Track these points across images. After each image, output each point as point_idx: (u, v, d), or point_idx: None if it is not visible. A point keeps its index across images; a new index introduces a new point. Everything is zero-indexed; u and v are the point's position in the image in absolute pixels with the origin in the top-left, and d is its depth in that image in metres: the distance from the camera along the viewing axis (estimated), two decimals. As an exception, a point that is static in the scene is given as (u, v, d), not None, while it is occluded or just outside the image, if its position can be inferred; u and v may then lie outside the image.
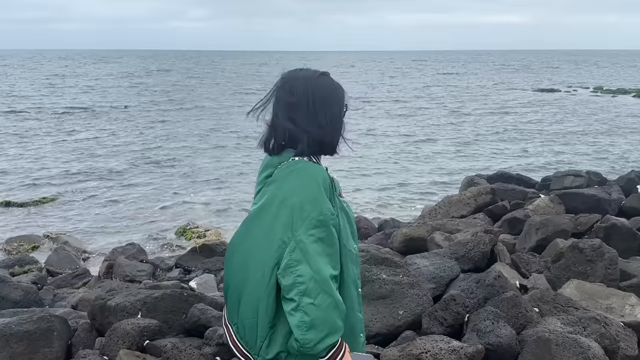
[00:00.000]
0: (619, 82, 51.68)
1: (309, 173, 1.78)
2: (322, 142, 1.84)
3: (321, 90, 1.84)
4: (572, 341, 3.25)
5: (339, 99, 1.88)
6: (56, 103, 31.08)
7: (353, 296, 1.87)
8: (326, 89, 1.85)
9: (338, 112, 1.87)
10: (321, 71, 1.91)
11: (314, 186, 1.74)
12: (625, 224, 5.97)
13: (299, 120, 1.81)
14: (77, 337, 4.30)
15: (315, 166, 1.82)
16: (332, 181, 1.82)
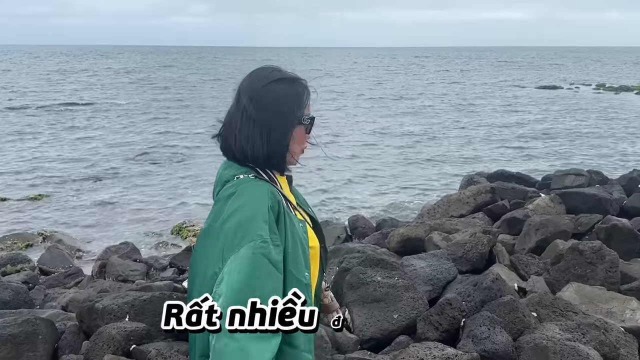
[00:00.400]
0: (621, 79, 51.43)
1: (249, 195, 1.58)
2: (265, 158, 1.67)
3: (266, 99, 1.67)
4: (570, 349, 3.14)
5: (288, 110, 1.68)
6: (55, 99, 30.96)
7: (299, 333, 1.57)
8: (273, 97, 1.67)
9: (284, 125, 1.68)
10: (280, 75, 1.71)
11: (250, 210, 1.54)
12: (627, 225, 5.85)
13: (241, 131, 1.67)
14: (64, 340, 4.20)
15: (258, 187, 1.61)
16: (279, 203, 1.61)
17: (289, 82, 1.71)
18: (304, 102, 1.71)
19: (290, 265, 1.58)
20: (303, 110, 1.71)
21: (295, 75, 1.74)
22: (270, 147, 1.66)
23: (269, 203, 1.56)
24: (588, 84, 46.69)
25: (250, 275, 1.46)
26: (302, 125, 1.71)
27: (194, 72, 60.91)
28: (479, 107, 29.38)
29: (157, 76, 52.75)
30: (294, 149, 1.71)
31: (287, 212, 1.63)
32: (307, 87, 1.74)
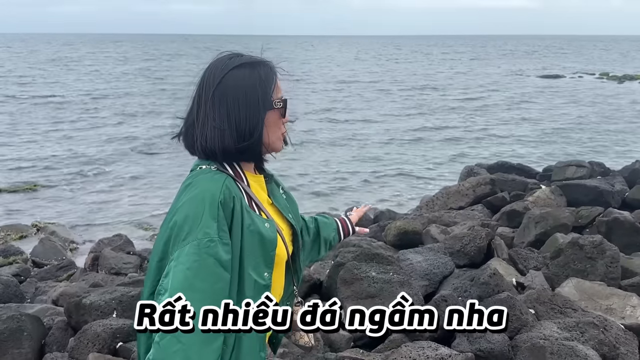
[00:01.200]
0: (625, 68, 51.08)
1: (200, 188, 1.49)
2: (238, 151, 1.57)
3: (229, 88, 1.57)
4: (568, 349, 3.04)
5: (253, 96, 1.57)
6: (51, 89, 30.82)
7: (252, 334, 1.54)
8: (235, 85, 1.57)
9: (253, 114, 1.57)
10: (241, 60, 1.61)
11: (198, 205, 1.45)
12: (628, 219, 5.73)
13: (204, 127, 1.57)
14: (52, 337, 4.12)
15: (213, 180, 1.51)
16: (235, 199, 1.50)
17: (251, 66, 1.60)
18: (270, 85, 1.61)
19: (246, 262, 1.51)
20: (271, 94, 1.61)
21: (258, 58, 1.64)
22: (241, 139, 1.56)
23: (220, 197, 1.47)
24: (591, 72, 46.36)
25: (194, 276, 1.40)
26: (275, 110, 1.62)
27: (194, 62, 60.63)
28: (483, 96, 29.19)
29: (155, 65, 52.49)
30: (271, 136, 1.62)
31: (246, 209, 1.53)
32: (273, 68, 1.64)
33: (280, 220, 1.70)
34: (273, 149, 1.67)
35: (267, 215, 1.61)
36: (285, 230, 1.70)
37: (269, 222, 1.59)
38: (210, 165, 1.58)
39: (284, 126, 1.67)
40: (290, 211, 1.76)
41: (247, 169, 1.65)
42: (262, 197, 1.67)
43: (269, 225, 1.57)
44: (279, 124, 1.64)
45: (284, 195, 1.79)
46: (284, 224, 1.71)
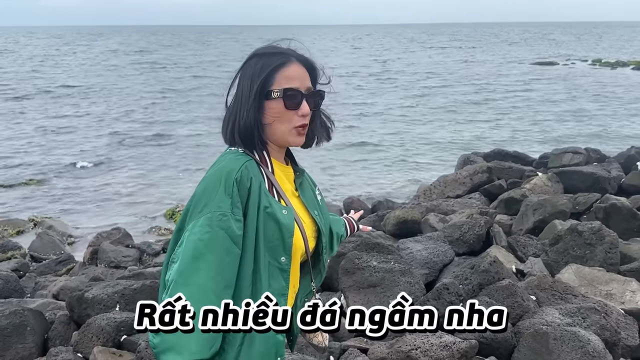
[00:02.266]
0: (618, 54, 51.14)
1: (220, 166, 1.56)
2: (240, 140, 1.63)
3: (239, 79, 1.65)
4: (570, 334, 3.06)
5: (247, 85, 1.61)
6: (45, 82, 30.58)
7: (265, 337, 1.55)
8: (243, 75, 1.65)
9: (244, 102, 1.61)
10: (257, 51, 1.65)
11: (216, 180, 1.51)
12: (626, 204, 5.77)
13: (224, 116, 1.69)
14: (54, 331, 4.12)
15: (235, 159, 1.58)
16: (253, 180, 1.54)
17: (259, 55, 1.64)
18: (265, 75, 1.60)
19: (261, 243, 1.55)
20: (270, 84, 1.60)
21: (274, 49, 1.65)
22: (238, 127, 1.62)
23: (236, 175, 1.52)
24: (584, 59, 46.42)
25: (205, 247, 1.45)
26: (274, 100, 1.60)
27: (192, 54, 60.23)
28: (479, 84, 29.18)
29: (153, 57, 52.13)
30: (277, 128, 1.62)
31: (265, 192, 1.57)
32: (284, 57, 1.62)
33: (304, 214, 1.70)
34: (286, 143, 1.67)
35: (286, 203, 1.62)
36: (308, 225, 1.69)
37: (287, 210, 1.60)
38: (239, 148, 1.64)
39: (298, 119, 1.62)
40: (317, 209, 1.76)
41: (276, 158, 1.68)
42: (286, 186, 1.69)
43: (286, 212, 1.59)
44: (287, 115, 1.61)
45: (318, 195, 1.82)
46: (307, 219, 1.70)
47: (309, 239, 1.68)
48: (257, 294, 1.56)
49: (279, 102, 1.59)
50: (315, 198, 1.79)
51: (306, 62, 1.66)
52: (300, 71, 1.63)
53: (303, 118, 1.63)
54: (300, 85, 1.61)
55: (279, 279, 1.59)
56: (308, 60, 1.67)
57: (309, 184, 1.80)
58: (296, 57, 1.64)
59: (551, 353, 3.03)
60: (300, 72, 1.63)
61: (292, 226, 1.59)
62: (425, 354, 3.03)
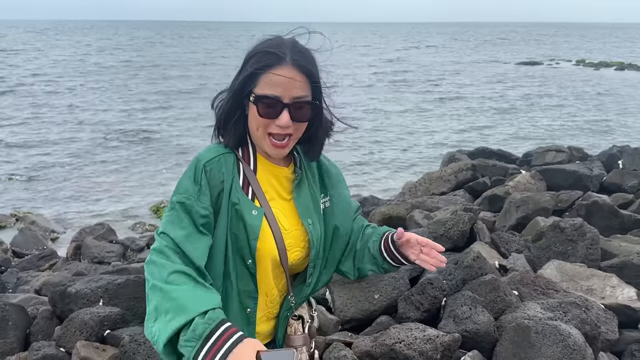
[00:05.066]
0: (601, 55, 51.76)
1: (196, 155, 1.59)
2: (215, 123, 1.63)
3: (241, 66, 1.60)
4: (552, 328, 3.10)
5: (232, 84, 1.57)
6: (27, 77, 30.16)
7: (236, 315, 1.56)
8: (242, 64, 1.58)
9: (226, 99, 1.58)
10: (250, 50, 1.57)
11: (189, 168, 1.55)
12: (607, 202, 5.85)
13: None
14: (37, 326, 4.08)
15: (208, 149, 1.59)
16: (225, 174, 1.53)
17: (255, 52, 1.55)
18: (248, 74, 1.52)
19: (229, 241, 1.53)
20: (248, 83, 1.52)
21: (272, 46, 1.52)
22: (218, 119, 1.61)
23: (206, 164, 1.52)
24: (568, 59, 46.92)
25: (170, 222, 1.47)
26: (252, 104, 1.52)
27: (187, 50, 59.77)
28: (465, 84, 29.34)
29: (137, 52, 51.66)
30: (252, 132, 1.57)
31: (236, 188, 1.54)
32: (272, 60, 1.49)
33: (292, 220, 1.63)
34: (262, 149, 1.59)
35: (261, 204, 1.55)
36: (293, 233, 1.62)
37: (258, 210, 1.53)
38: (221, 141, 1.63)
39: (276, 128, 1.51)
40: (312, 217, 1.65)
41: (267, 157, 1.61)
42: (272, 187, 1.62)
43: (256, 213, 1.53)
44: (258, 121, 1.52)
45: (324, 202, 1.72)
46: (296, 226, 1.63)
47: (294, 247, 1.61)
48: (229, 293, 1.54)
49: (253, 107, 1.51)
50: (315, 205, 1.68)
51: (303, 68, 1.50)
52: (289, 77, 1.48)
53: (281, 128, 1.51)
54: (284, 93, 1.48)
55: (247, 281, 1.56)
56: (305, 67, 1.50)
57: (312, 189, 1.69)
58: (292, 59, 1.49)
59: (533, 346, 3.07)
60: (288, 79, 1.47)
61: (257, 228, 1.52)
62: (409, 347, 3.06)
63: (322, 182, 1.75)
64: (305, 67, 1.50)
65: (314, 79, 1.53)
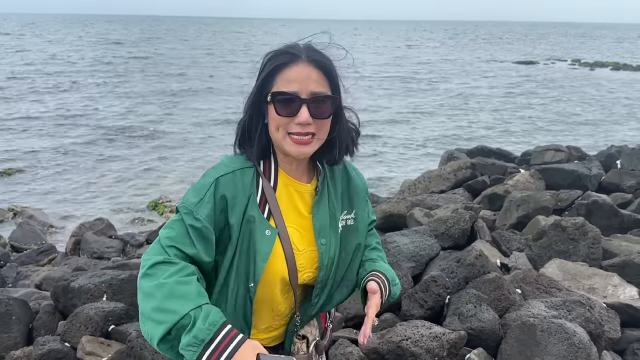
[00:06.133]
0: (597, 55, 51.95)
1: (213, 166, 1.57)
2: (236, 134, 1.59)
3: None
4: (557, 326, 3.13)
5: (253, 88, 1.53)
6: (25, 71, 29.98)
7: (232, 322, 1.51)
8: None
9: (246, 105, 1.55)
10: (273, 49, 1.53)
11: (202, 178, 1.52)
12: (607, 201, 5.88)
13: None
14: (39, 321, 4.07)
15: (227, 162, 1.55)
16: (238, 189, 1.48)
17: (270, 55, 1.52)
18: (264, 76, 1.49)
19: (236, 255, 1.48)
20: (265, 85, 1.49)
21: (287, 47, 1.50)
22: (239, 130, 1.57)
23: (218, 179, 1.48)
24: (564, 59, 47.07)
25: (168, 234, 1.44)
26: (270, 105, 1.48)
27: (192, 45, 59.52)
28: (461, 82, 29.38)
29: (134, 48, 51.42)
30: (273, 135, 1.52)
31: (254, 204, 1.49)
32: (287, 58, 1.47)
33: (308, 240, 1.58)
34: (285, 152, 1.53)
35: (277, 225, 1.51)
36: (307, 254, 1.58)
37: (272, 231, 1.49)
38: (243, 153, 1.58)
39: (295, 126, 1.47)
40: (327, 237, 1.59)
41: (288, 171, 1.57)
42: (291, 205, 1.57)
43: (269, 233, 1.48)
44: (281, 122, 1.48)
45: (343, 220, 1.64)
46: (312, 247, 1.58)
47: (306, 269, 1.57)
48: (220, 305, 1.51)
49: (271, 107, 1.48)
50: (332, 222, 1.62)
51: (319, 63, 1.47)
52: (305, 73, 1.45)
53: (300, 126, 1.47)
54: (301, 88, 1.45)
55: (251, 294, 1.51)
56: (322, 62, 1.48)
57: (332, 205, 1.63)
58: (307, 56, 1.47)
59: (538, 344, 3.09)
60: (304, 74, 1.45)
61: (268, 250, 1.47)
62: (416, 345, 3.07)
63: (349, 199, 1.69)
64: (322, 62, 1.48)
65: (331, 75, 1.49)
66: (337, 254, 1.61)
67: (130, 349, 3.07)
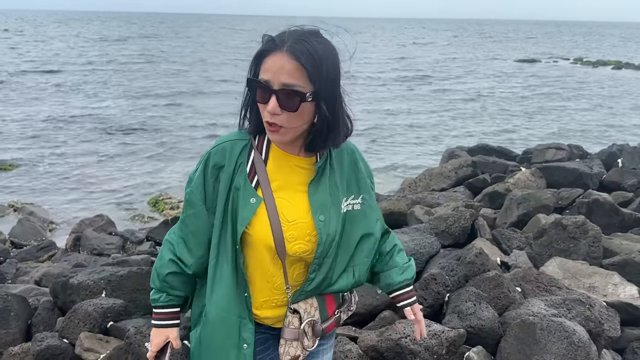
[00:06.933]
0: (598, 54, 51.84)
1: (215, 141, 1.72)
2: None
3: None
4: (557, 325, 3.12)
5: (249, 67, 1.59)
6: (22, 66, 29.98)
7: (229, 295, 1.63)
8: None
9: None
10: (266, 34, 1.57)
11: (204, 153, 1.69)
12: (608, 200, 5.87)
13: None
14: (38, 317, 4.05)
15: (225, 136, 1.68)
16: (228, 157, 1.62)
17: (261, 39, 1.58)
18: (252, 60, 1.55)
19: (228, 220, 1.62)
20: (255, 71, 1.54)
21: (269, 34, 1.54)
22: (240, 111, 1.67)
23: (212, 150, 1.64)
24: (566, 57, 46.99)
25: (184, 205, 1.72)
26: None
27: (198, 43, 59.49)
28: (464, 81, 29.34)
29: (138, 45, 51.41)
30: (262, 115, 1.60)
31: (242, 173, 1.61)
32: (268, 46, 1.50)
33: (302, 212, 1.62)
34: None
35: (263, 195, 1.58)
36: (299, 225, 1.61)
37: (257, 199, 1.57)
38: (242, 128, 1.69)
39: (267, 114, 1.52)
40: (325, 213, 1.63)
41: (281, 146, 1.61)
42: (283, 177, 1.62)
43: (254, 201, 1.57)
44: (260, 107, 1.55)
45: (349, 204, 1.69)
46: (305, 219, 1.62)
47: (298, 240, 1.60)
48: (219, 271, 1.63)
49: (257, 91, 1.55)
50: (335, 203, 1.65)
51: (298, 55, 1.45)
52: (280, 63, 1.46)
53: (270, 115, 1.50)
54: (273, 78, 1.47)
55: (236, 264, 1.62)
56: (302, 53, 1.45)
57: (335, 187, 1.66)
58: (288, 47, 1.46)
59: (538, 343, 3.08)
60: (279, 65, 1.46)
61: (249, 216, 1.56)
62: (415, 342, 3.06)
63: (357, 182, 1.74)
64: (299, 56, 1.45)
65: (312, 67, 1.46)
66: (338, 232, 1.65)
67: (129, 345, 3.07)
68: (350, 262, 1.73)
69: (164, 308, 1.75)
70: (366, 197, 1.76)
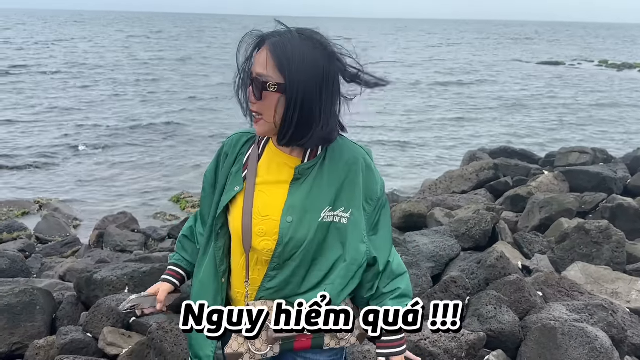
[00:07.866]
0: (623, 56, 50.97)
1: None
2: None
3: None
4: (579, 330, 3.08)
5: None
6: (47, 65, 30.50)
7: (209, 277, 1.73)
8: None
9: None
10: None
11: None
12: (633, 205, 5.78)
13: None
14: (62, 311, 4.14)
15: (238, 130, 1.80)
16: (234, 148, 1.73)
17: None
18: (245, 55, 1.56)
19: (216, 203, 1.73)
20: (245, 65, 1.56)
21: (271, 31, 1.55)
22: None
23: (225, 141, 1.78)
24: (590, 60, 46.27)
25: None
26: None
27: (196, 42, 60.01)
28: (486, 80, 29.10)
29: (155, 44, 51.99)
30: None
31: (240, 162, 1.70)
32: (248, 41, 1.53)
33: (277, 210, 1.59)
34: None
35: (247, 184, 1.64)
36: (273, 223, 1.58)
37: (239, 187, 1.64)
38: None
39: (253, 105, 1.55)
40: (294, 216, 1.56)
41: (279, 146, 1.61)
42: (271, 172, 1.63)
43: (237, 189, 1.64)
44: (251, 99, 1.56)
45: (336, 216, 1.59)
46: (278, 218, 1.58)
47: (265, 236, 1.58)
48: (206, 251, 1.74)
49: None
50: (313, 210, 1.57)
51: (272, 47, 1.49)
52: (260, 55, 1.51)
53: (251, 104, 1.55)
54: (253, 68, 1.53)
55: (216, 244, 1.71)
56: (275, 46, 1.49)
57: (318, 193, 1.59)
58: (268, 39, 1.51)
59: (559, 348, 3.05)
60: (260, 57, 1.51)
61: (225, 200, 1.65)
62: (434, 345, 3.06)
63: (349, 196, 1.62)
64: (273, 49, 1.49)
65: (284, 60, 1.47)
66: (309, 239, 1.56)
67: (151, 340, 3.12)
68: (326, 278, 1.62)
69: (171, 265, 1.90)
70: (355, 213, 1.62)
